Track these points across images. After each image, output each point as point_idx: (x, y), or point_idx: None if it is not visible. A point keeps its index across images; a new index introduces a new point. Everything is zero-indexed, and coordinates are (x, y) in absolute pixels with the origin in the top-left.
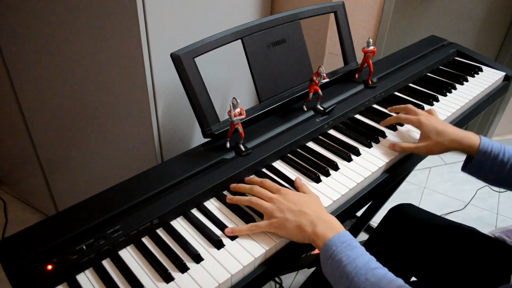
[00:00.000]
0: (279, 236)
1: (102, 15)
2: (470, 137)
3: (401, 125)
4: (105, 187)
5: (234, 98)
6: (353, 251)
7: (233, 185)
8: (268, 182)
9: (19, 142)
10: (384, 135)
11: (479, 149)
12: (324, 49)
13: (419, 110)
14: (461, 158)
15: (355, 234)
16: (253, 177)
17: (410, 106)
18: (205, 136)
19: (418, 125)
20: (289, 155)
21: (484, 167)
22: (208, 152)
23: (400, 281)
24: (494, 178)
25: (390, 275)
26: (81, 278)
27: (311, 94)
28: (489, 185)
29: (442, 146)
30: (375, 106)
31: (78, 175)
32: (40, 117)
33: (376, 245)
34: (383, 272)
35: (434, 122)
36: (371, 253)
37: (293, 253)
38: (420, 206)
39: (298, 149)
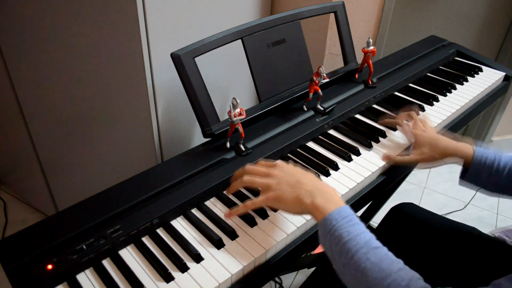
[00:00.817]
0: (277, 208)
1: (102, 15)
2: (464, 148)
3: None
4: (105, 187)
5: (234, 98)
6: (354, 227)
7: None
8: (262, 161)
9: (19, 142)
10: (384, 135)
11: (473, 160)
12: (324, 49)
13: (418, 122)
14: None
15: None
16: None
17: (413, 114)
18: (205, 136)
19: (412, 136)
20: (289, 155)
21: (481, 177)
22: (208, 152)
23: (401, 262)
24: (492, 187)
25: (391, 255)
26: (81, 277)
27: (311, 94)
28: (488, 193)
29: (435, 158)
30: (375, 106)
31: (78, 175)
32: (40, 117)
33: None
34: (384, 251)
35: (428, 134)
36: None
37: (293, 253)
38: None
39: (298, 149)
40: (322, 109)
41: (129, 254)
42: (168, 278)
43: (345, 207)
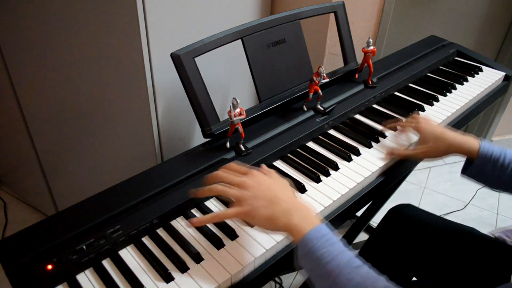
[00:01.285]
0: (249, 223)
1: (102, 15)
2: (470, 141)
3: None
4: (105, 187)
5: (234, 98)
6: (333, 246)
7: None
8: (234, 165)
9: (19, 142)
10: (384, 135)
11: (479, 153)
12: (324, 49)
13: (419, 116)
14: (461, 158)
15: (355, 234)
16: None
17: (414, 115)
18: (205, 136)
19: (416, 129)
20: (289, 155)
21: (485, 171)
22: (208, 152)
23: (384, 279)
24: (494, 182)
25: (374, 273)
26: (81, 278)
27: (311, 94)
28: (489, 188)
29: (440, 150)
30: (375, 106)
31: (78, 175)
32: (40, 117)
33: (376, 245)
34: (366, 270)
35: (432, 126)
36: (371, 254)
37: (293, 252)
38: (420, 206)
39: (298, 149)
40: (322, 109)
41: (129, 254)
42: (168, 278)
43: (322, 225)
